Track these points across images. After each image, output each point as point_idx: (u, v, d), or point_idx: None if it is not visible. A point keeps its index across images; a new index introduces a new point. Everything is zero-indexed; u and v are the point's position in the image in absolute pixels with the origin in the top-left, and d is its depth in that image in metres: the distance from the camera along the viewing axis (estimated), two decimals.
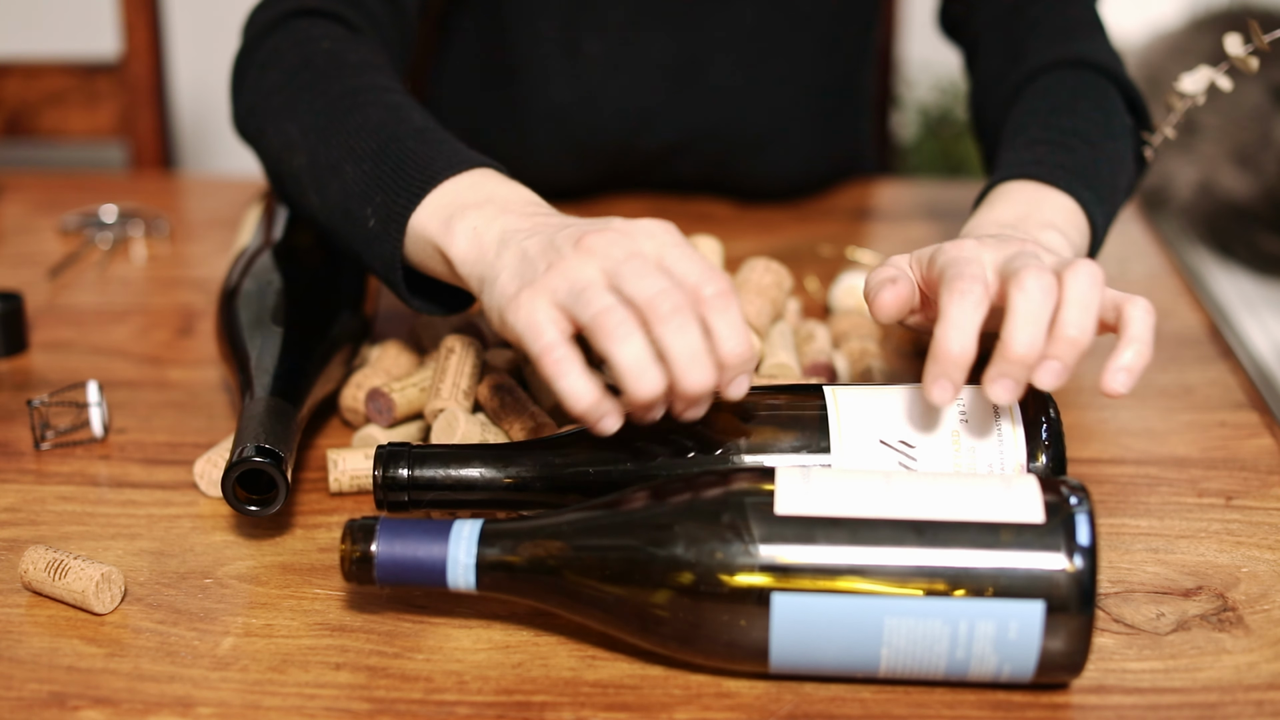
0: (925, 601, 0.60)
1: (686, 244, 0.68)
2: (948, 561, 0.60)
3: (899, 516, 0.61)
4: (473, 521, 0.65)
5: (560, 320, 0.66)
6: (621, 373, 0.64)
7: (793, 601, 0.61)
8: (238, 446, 0.72)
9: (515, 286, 0.68)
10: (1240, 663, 0.66)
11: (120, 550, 0.74)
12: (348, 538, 0.65)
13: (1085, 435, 0.85)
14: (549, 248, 0.69)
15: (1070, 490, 0.62)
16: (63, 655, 0.66)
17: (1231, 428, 0.86)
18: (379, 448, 0.71)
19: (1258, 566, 0.73)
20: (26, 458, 0.83)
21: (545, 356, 0.65)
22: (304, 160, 0.84)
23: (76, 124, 1.43)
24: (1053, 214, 0.81)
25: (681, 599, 0.62)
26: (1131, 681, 0.65)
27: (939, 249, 0.71)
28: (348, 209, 0.80)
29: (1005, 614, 0.60)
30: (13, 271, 1.09)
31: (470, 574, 0.64)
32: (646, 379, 0.64)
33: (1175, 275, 1.08)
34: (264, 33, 0.93)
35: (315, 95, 0.86)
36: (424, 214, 0.76)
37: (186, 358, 0.95)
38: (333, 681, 0.65)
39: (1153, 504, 0.78)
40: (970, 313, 0.66)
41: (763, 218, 1.19)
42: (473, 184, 0.77)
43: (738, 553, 0.61)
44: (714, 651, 0.63)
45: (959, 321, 0.66)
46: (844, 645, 0.61)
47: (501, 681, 0.65)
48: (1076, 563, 0.60)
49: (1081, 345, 0.66)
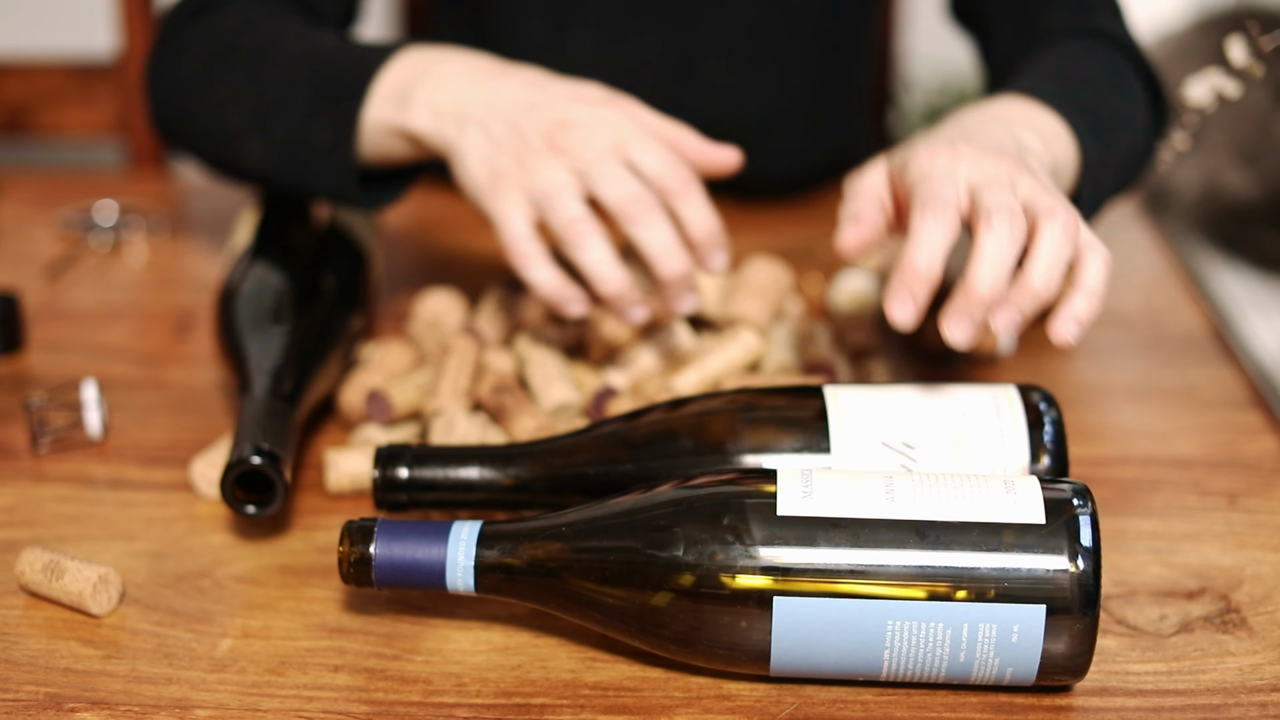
0: (927, 605, 0.60)
1: (646, 133, 0.78)
2: (950, 564, 0.60)
3: (900, 518, 0.61)
4: (471, 523, 0.65)
5: (530, 214, 0.77)
6: (589, 275, 0.76)
7: (794, 604, 0.60)
8: (236, 447, 0.71)
9: (487, 173, 0.77)
10: (1244, 664, 0.66)
11: (117, 551, 0.74)
12: (346, 539, 0.65)
13: (1088, 435, 0.84)
14: (515, 135, 0.76)
15: (1073, 492, 0.62)
16: (60, 657, 0.66)
17: (1235, 428, 0.86)
18: (378, 449, 0.70)
19: (1261, 568, 0.72)
20: (23, 458, 0.83)
21: (514, 246, 0.77)
22: (242, 112, 0.88)
23: (73, 122, 1.43)
24: (1039, 122, 0.80)
25: (682, 601, 0.61)
26: (1134, 683, 0.64)
27: (912, 157, 0.71)
28: (299, 137, 0.85)
29: (1007, 617, 0.60)
30: (9, 270, 1.08)
31: (469, 576, 0.64)
32: (611, 277, 0.77)
33: (1178, 275, 1.08)
34: (171, 34, 0.96)
35: (235, 57, 0.90)
36: (375, 106, 0.83)
37: (184, 358, 0.95)
38: (331, 683, 0.64)
39: (1156, 505, 0.78)
40: (940, 234, 0.67)
41: (763, 217, 1.19)
42: (407, 64, 0.83)
43: (738, 554, 0.61)
44: (715, 654, 0.62)
45: (928, 240, 0.66)
46: (846, 648, 0.61)
47: (501, 683, 0.64)
48: (1079, 565, 0.60)
49: (1043, 299, 0.67)
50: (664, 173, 0.77)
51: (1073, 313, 0.67)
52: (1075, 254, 0.68)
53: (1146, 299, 1.03)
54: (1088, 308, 0.68)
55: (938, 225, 0.67)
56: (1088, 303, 0.68)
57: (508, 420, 0.79)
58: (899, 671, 0.62)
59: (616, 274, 0.77)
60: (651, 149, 0.78)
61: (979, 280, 0.66)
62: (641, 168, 0.77)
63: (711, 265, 0.79)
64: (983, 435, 0.68)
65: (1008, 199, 0.67)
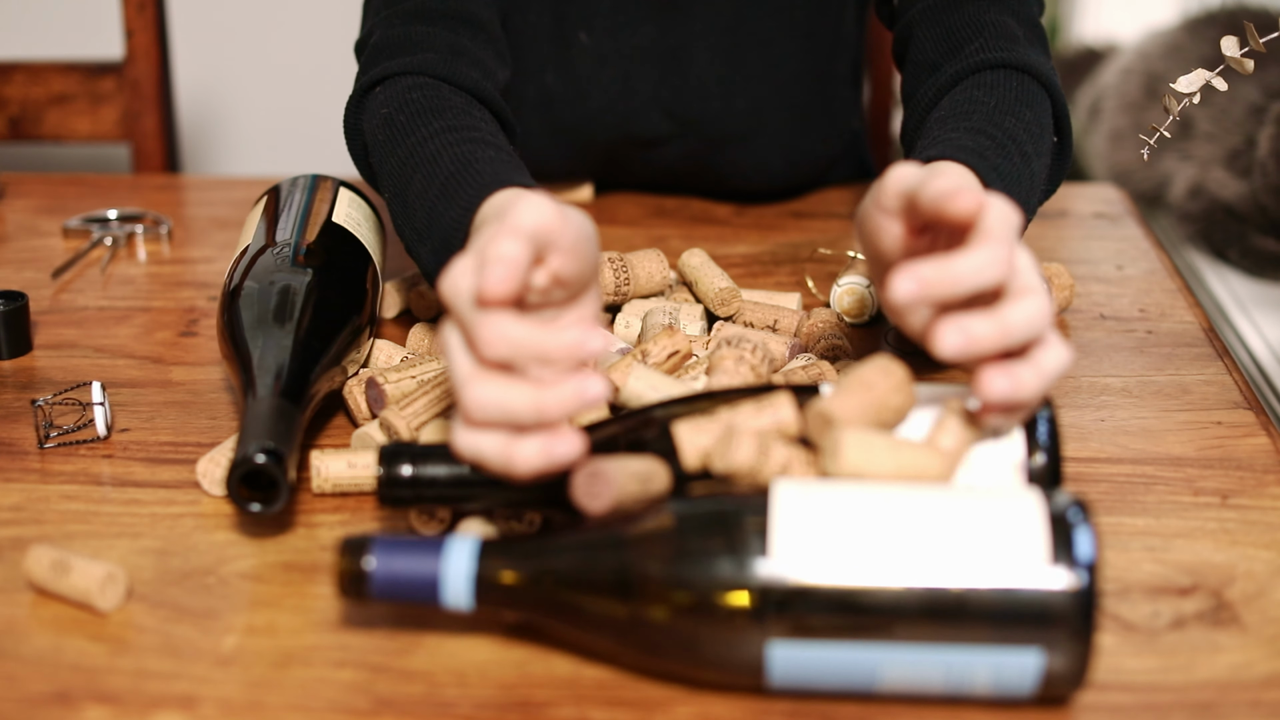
0: (922, 649, 0.61)
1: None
2: (946, 613, 0.60)
3: (904, 587, 0.60)
4: (469, 538, 0.65)
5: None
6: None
7: (789, 651, 0.61)
8: (241, 446, 0.72)
9: None
10: (1236, 661, 0.66)
11: (123, 549, 0.75)
12: (343, 554, 0.64)
13: (1082, 434, 0.85)
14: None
15: (1078, 538, 0.61)
16: (67, 653, 0.67)
17: (1228, 427, 0.86)
18: (382, 447, 0.71)
19: (1253, 565, 0.73)
20: (30, 457, 0.83)
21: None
22: (400, 220, 0.87)
23: (80, 126, 1.44)
24: None
25: (678, 618, 0.61)
26: (1128, 679, 0.65)
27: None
28: (430, 264, 0.83)
29: (1002, 661, 0.60)
30: (17, 272, 1.09)
31: (466, 592, 0.64)
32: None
33: (1172, 275, 1.08)
34: (370, 85, 0.95)
35: (387, 169, 0.88)
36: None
37: (189, 358, 0.96)
38: (335, 679, 0.65)
39: (1149, 503, 0.79)
40: (992, 269, 0.65)
41: (762, 218, 1.20)
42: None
43: (735, 570, 0.61)
44: (710, 670, 0.63)
45: (977, 264, 0.65)
46: (842, 682, 0.62)
47: (502, 679, 0.65)
48: (1076, 611, 0.60)
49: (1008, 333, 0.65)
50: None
51: (1008, 369, 0.66)
52: (1042, 333, 0.67)
53: (1140, 299, 1.04)
54: (1031, 377, 0.66)
55: (994, 262, 0.66)
56: (1032, 374, 0.66)
57: None
58: (895, 693, 0.63)
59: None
60: None
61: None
62: None
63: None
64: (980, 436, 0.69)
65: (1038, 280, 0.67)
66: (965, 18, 0.96)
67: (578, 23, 1.15)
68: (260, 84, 2.10)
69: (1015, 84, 0.90)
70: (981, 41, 0.93)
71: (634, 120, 1.18)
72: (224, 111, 2.13)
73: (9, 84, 1.42)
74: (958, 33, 0.95)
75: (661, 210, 1.21)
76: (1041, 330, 0.66)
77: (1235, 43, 0.85)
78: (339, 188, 0.98)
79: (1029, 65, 0.91)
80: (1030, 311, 0.65)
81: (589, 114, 1.18)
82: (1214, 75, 0.86)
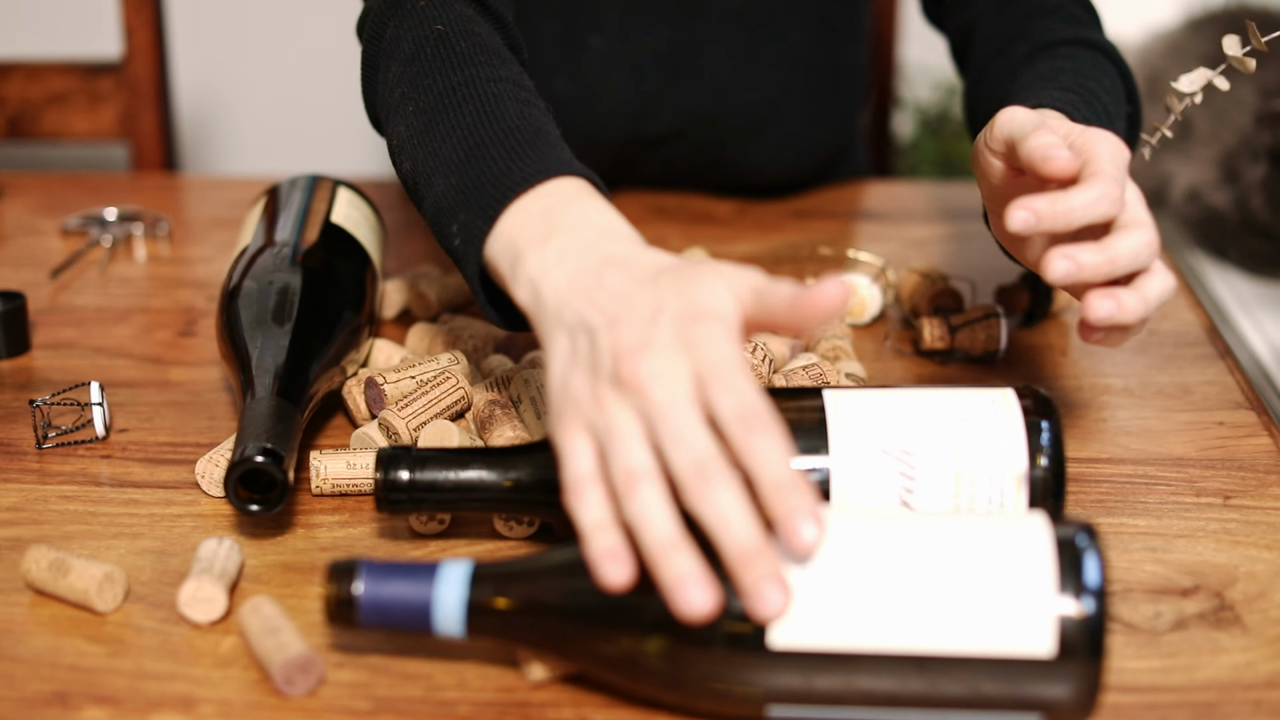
0: (923, 717, 0.60)
1: (729, 365, 0.62)
2: (946, 689, 0.60)
3: (901, 654, 0.59)
4: (461, 564, 0.64)
5: (594, 450, 0.63)
6: (634, 527, 0.60)
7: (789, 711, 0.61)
8: (239, 446, 0.72)
9: (560, 391, 0.65)
10: (1238, 661, 0.66)
11: (122, 549, 0.74)
12: (330, 579, 0.63)
13: (1084, 435, 0.85)
14: (592, 352, 0.64)
15: (1089, 614, 0.59)
16: (65, 654, 0.67)
17: (1229, 427, 0.86)
18: (380, 451, 0.71)
19: (1255, 566, 0.73)
20: (29, 457, 0.83)
21: (572, 485, 0.63)
22: (409, 166, 0.81)
23: (78, 125, 1.43)
24: None
25: (673, 647, 0.60)
26: (1129, 680, 0.65)
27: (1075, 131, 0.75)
28: (440, 223, 0.78)
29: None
30: (15, 272, 1.09)
31: (458, 619, 0.63)
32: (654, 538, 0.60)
33: (1174, 275, 1.08)
34: (381, 21, 0.88)
35: (420, 91, 0.82)
36: (495, 248, 0.72)
37: (188, 358, 0.95)
38: (334, 680, 0.65)
39: (1151, 503, 0.79)
40: (1103, 204, 0.70)
41: (763, 218, 1.20)
42: (543, 210, 0.72)
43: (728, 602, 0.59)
44: (707, 697, 0.62)
45: (1090, 198, 0.70)
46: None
47: (502, 680, 0.65)
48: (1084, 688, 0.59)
49: (1113, 261, 0.70)
50: (740, 415, 0.61)
51: (1113, 292, 0.70)
52: (1149, 264, 0.72)
53: None
54: (1134, 302, 0.70)
55: (1105, 198, 0.70)
56: (1136, 299, 0.71)
57: (490, 429, 0.79)
58: None
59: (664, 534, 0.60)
60: (731, 389, 0.61)
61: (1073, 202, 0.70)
62: (718, 407, 0.61)
63: (796, 535, 0.58)
64: (980, 441, 0.68)
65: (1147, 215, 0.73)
66: (1029, 6, 1.00)
67: (588, 27, 1.15)
68: (259, 83, 2.10)
69: (1089, 58, 0.93)
70: (1050, 22, 0.97)
71: (645, 119, 1.18)
72: (223, 111, 2.13)
73: (7, 83, 1.42)
74: (1024, 19, 0.99)
75: (662, 209, 1.21)
76: (1147, 262, 0.72)
77: (1237, 41, 0.85)
78: (338, 188, 0.98)
79: (1097, 42, 0.95)
80: (1137, 243, 0.71)
81: (600, 116, 1.18)
82: (1216, 74, 0.86)
